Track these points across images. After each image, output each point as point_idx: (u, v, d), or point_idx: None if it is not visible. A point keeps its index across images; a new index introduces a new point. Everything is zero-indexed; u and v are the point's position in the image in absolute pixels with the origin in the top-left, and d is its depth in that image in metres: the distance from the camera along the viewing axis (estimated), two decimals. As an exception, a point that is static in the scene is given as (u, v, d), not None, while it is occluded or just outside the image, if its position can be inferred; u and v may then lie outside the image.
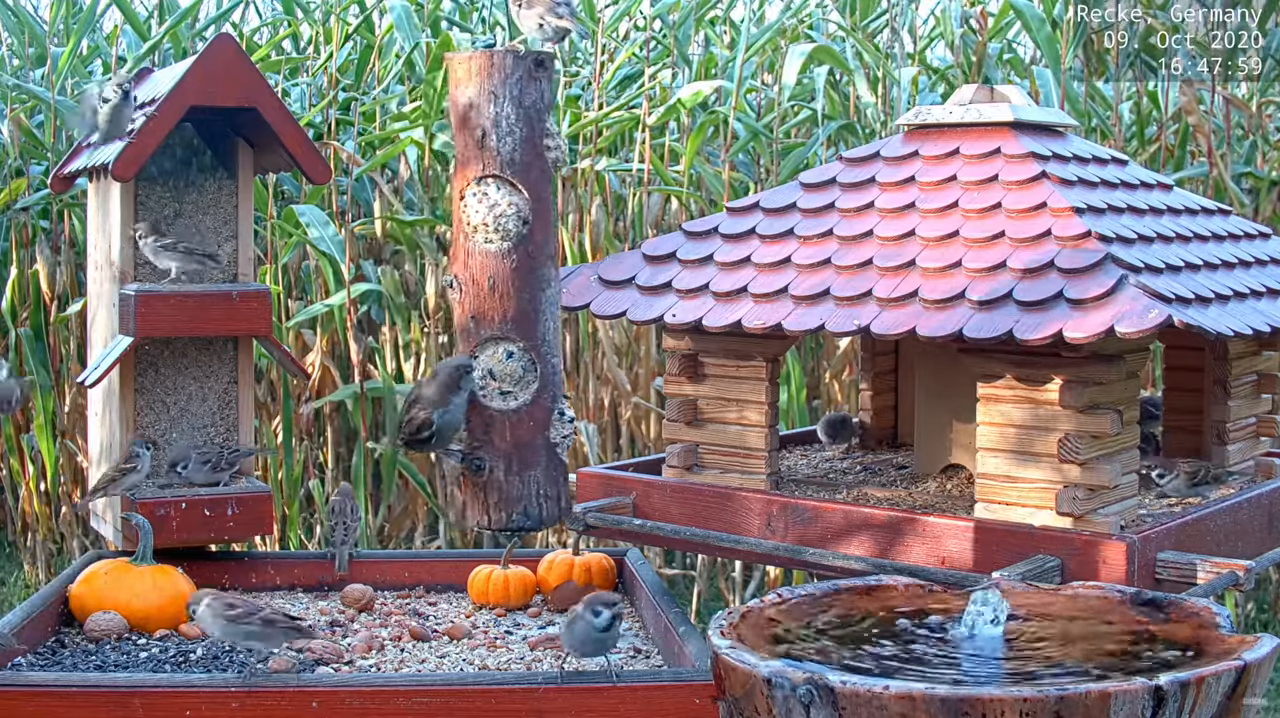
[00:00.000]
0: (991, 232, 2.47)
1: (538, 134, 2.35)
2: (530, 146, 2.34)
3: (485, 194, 2.35)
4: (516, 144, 2.34)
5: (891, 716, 1.50)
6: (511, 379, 2.40)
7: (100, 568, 2.79)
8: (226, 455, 3.05)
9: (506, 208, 2.35)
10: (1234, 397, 2.82)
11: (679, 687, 2.23)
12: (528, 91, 2.35)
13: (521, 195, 2.34)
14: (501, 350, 2.39)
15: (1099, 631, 1.83)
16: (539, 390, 2.37)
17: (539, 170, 2.35)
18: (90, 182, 3.30)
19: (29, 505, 5.64)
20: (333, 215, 5.24)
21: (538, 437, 2.39)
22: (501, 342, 2.37)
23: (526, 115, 2.34)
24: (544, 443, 2.39)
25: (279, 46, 6.14)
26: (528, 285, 2.37)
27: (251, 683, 2.23)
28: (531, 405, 2.37)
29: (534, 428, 2.38)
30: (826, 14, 6.19)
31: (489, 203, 2.35)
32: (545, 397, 2.38)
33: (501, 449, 2.38)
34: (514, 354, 2.39)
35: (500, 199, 2.35)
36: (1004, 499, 2.42)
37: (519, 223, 2.35)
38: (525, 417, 2.38)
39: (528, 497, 2.40)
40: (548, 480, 2.41)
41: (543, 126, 2.36)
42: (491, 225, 2.35)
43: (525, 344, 2.37)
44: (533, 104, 2.35)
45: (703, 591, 5.18)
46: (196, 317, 3.02)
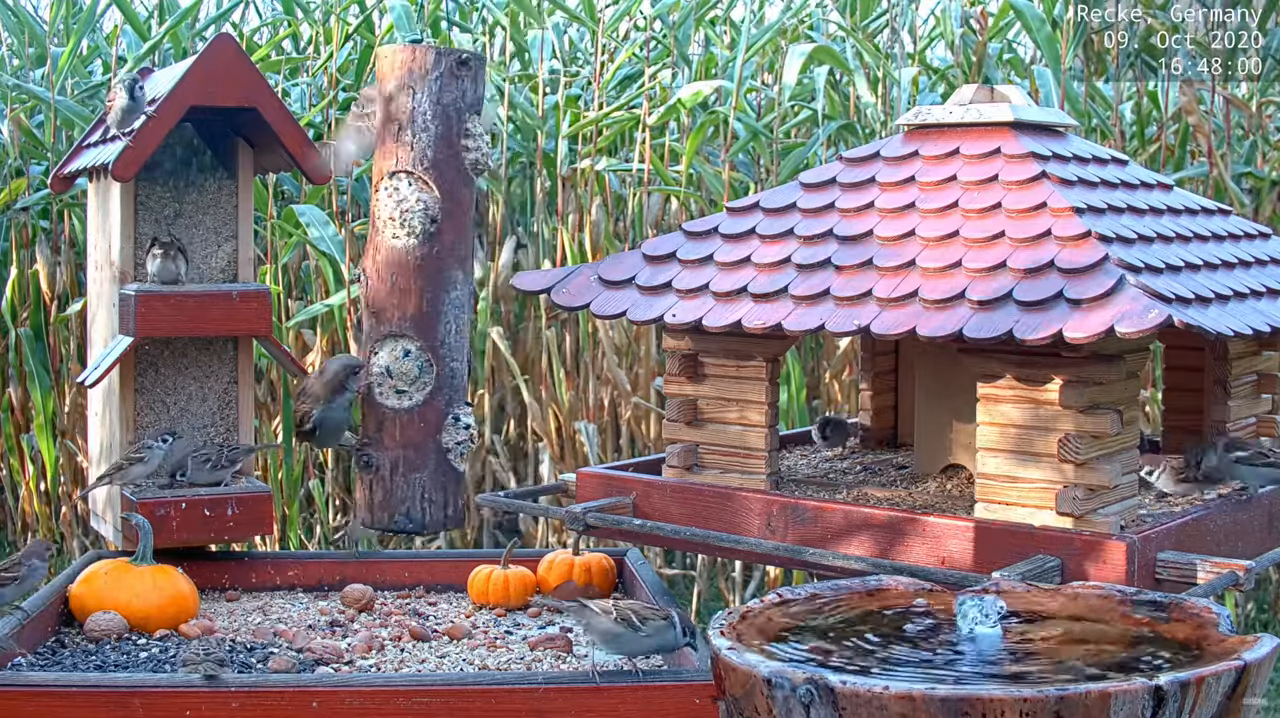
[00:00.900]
0: (991, 232, 2.47)
1: (455, 133, 2.33)
2: (446, 145, 2.33)
3: (396, 188, 2.34)
4: (431, 141, 2.32)
5: (891, 716, 1.50)
6: (407, 378, 2.39)
7: (100, 568, 2.79)
8: (227, 453, 3.05)
9: (415, 204, 2.34)
10: (1234, 397, 2.81)
11: (679, 687, 2.23)
12: (448, 89, 2.33)
13: (431, 193, 2.33)
14: (399, 348, 2.38)
15: (1099, 631, 1.83)
16: (434, 392, 2.36)
17: (454, 170, 2.34)
18: (90, 181, 3.30)
19: (29, 505, 5.64)
20: (333, 215, 5.24)
21: (429, 439, 2.38)
22: (400, 339, 2.37)
23: (444, 113, 2.32)
24: (435, 447, 2.39)
25: (279, 46, 6.14)
26: (430, 285, 2.35)
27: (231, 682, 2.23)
28: (424, 407, 2.36)
29: (425, 430, 2.38)
30: (827, 14, 6.19)
31: (398, 198, 2.34)
32: (440, 399, 2.37)
33: (390, 448, 2.37)
34: (411, 353, 2.38)
35: (409, 195, 2.34)
36: (1004, 499, 2.42)
37: (426, 220, 2.34)
38: (417, 418, 2.36)
39: (411, 499, 2.40)
40: (434, 485, 2.40)
41: (462, 126, 2.35)
42: (398, 220, 2.34)
43: (423, 344, 2.37)
44: (452, 102, 2.33)
45: (703, 591, 5.18)
46: (196, 317, 3.02)
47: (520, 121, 5.65)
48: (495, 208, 5.49)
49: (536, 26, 5.71)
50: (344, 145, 2.98)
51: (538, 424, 5.28)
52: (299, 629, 2.77)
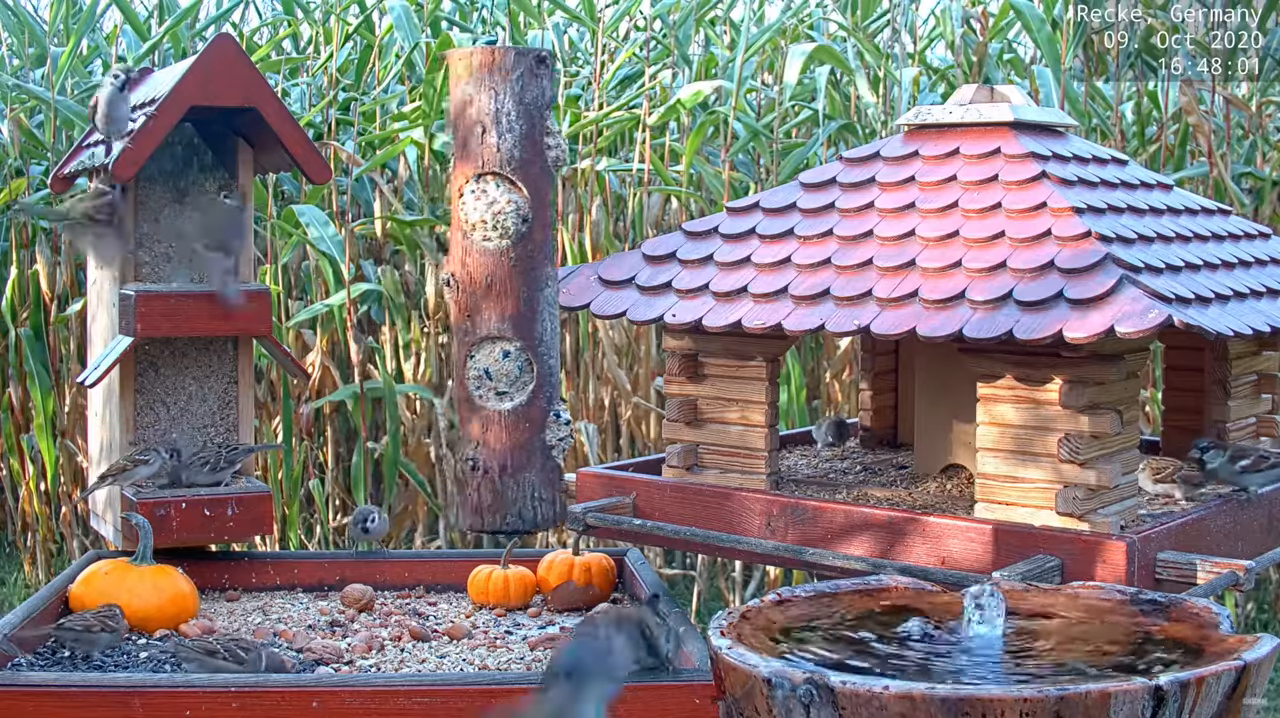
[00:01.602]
0: (991, 232, 2.47)
1: (538, 131, 2.34)
2: (530, 144, 2.33)
3: (484, 191, 2.34)
4: (517, 141, 2.33)
5: (891, 716, 1.50)
6: (508, 379, 2.38)
7: (100, 568, 2.78)
8: (225, 454, 3.05)
9: (506, 205, 2.34)
10: (1234, 397, 2.81)
11: (679, 687, 2.23)
12: (529, 88, 2.34)
13: (521, 193, 2.33)
14: (498, 350, 2.37)
15: (1099, 631, 1.83)
16: (535, 391, 2.36)
17: (539, 168, 2.34)
18: (90, 182, 3.30)
19: (29, 505, 5.64)
20: (333, 215, 5.24)
21: (533, 438, 2.37)
22: (499, 341, 2.36)
23: (527, 112, 2.33)
24: (540, 445, 2.38)
25: (279, 46, 6.14)
26: (526, 284, 2.35)
27: (246, 683, 2.23)
28: (527, 406, 2.36)
29: (530, 429, 2.37)
30: (827, 14, 6.19)
31: (488, 200, 2.34)
32: (541, 398, 2.37)
33: (496, 450, 2.36)
34: (511, 354, 2.38)
35: (499, 197, 2.33)
36: (1004, 499, 2.42)
37: (518, 221, 2.34)
38: (521, 417, 2.36)
39: (522, 499, 2.39)
40: (542, 483, 2.40)
41: (543, 124, 2.35)
42: (490, 223, 2.34)
43: (522, 344, 2.36)
44: (533, 101, 2.33)
45: (703, 591, 5.18)
46: (196, 317, 3.02)
47: (520, 121, 5.64)
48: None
49: (536, 26, 5.71)
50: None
51: (538, 424, 5.27)
52: (299, 629, 2.77)
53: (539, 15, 5.60)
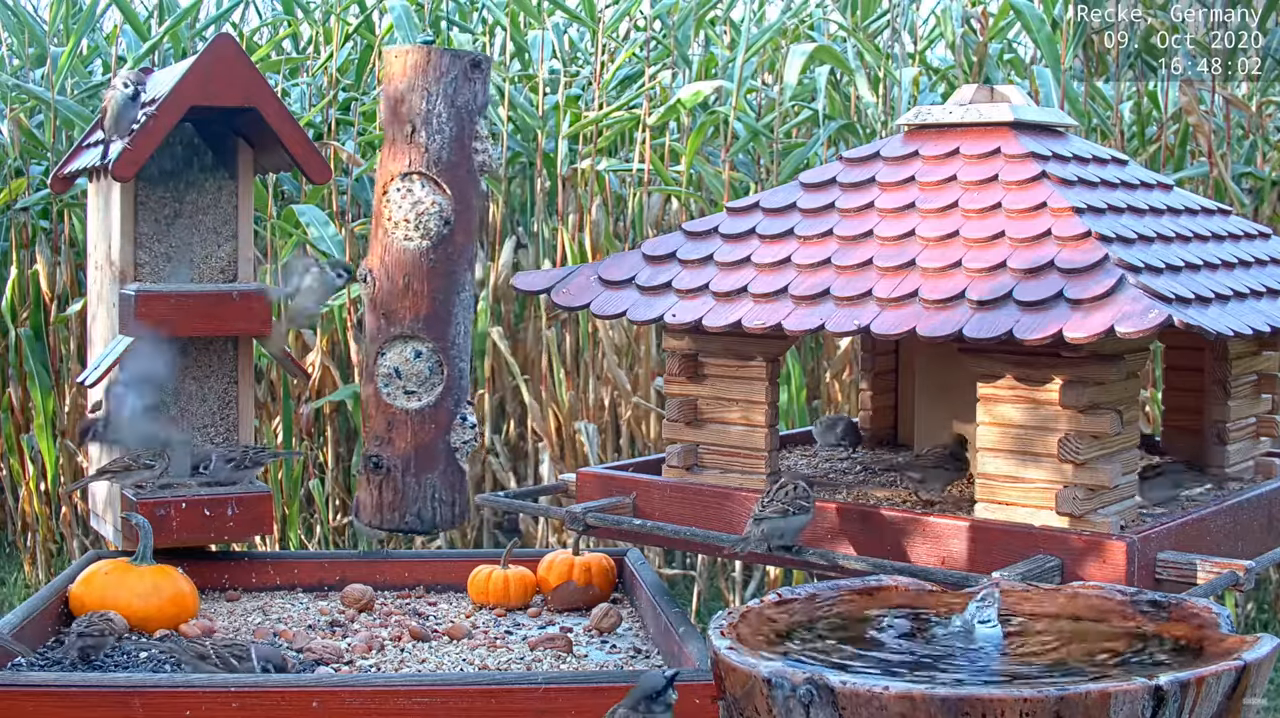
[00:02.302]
0: (991, 232, 2.47)
1: (467, 135, 2.34)
2: (459, 147, 2.33)
3: (410, 190, 2.34)
4: (445, 143, 2.33)
5: (891, 716, 1.50)
6: (417, 379, 2.38)
7: (100, 568, 2.78)
8: (252, 454, 3.06)
9: (430, 206, 2.34)
10: (1234, 397, 2.81)
11: (679, 687, 2.23)
12: (461, 91, 2.33)
13: (445, 195, 2.33)
14: (410, 349, 2.37)
15: (1099, 630, 1.83)
16: (444, 393, 2.36)
17: (465, 172, 2.34)
18: (90, 181, 3.30)
19: (29, 505, 5.64)
20: (333, 215, 5.24)
21: (439, 440, 2.38)
22: (410, 340, 2.36)
23: (458, 115, 2.33)
24: (444, 447, 2.38)
25: (279, 46, 6.14)
26: (443, 287, 2.35)
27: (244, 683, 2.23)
28: (435, 408, 2.36)
29: (436, 430, 2.38)
30: (827, 14, 6.19)
31: (412, 199, 2.34)
32: (449, 400, 2.37)
33: (401, 450, 2.36)
34: (422, 354, 2.38)
35: (424, 197, 2.33)
36: (1004, 499, 2.42)
37: (440, 223, 2.34)
38: (428, 418, 2.36)
39: (422, 499, 2.40)
40: (444, 485, 2.40)
41: (473, 128, 2.35)
42: (413, 222, 2.34)
43: (435, 345, 2.36)
44: (465, 104, 2.33)
45: (703, 591, 5.18)
46: (196, 317, 3.02)
47: (520, 121, 5.66)
48: (495, 208, 5.49)
49: (536, 26, 5.71)
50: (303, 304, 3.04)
51: (538, 424, 5.28)
52: (299, 629, 2.77)
53: (539, 15, 5.60)
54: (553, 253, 5.44)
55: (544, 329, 5.36)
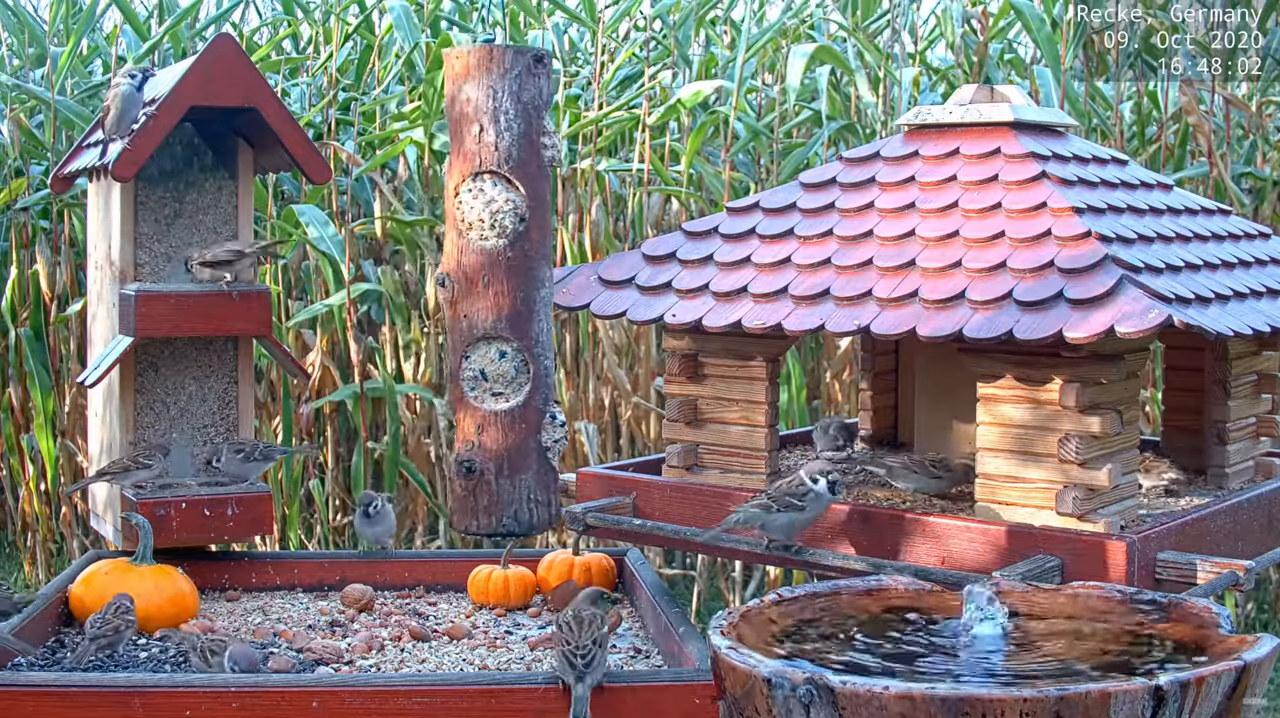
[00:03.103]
0: (991, 231, 2.47)
1: (535, 131, 2.33)
2: (528, 143, 2.32)
3: (482, 190, 2.33)
4: (514, 140, 2.32)
5: (891, 716, 1.50)
6: (504, 380, 2.37)
7: (100, 568, 2.79)
8: (262, 448, 3.06)
9: (503, 204, 2.33)
10: (1234, 397, 2.81)
11: (679, 687, 2.23)
12: (526, 87, 2.33)
13: (518, 192, 2.32)
14: (494, 350, 2.36)
15: (1099, 630, 1.83)
16: (531, 392, 2.35)
17: (536, 167, 2.33)
18: (90, 181, 3.30)
19: (29, 505, 5.64)
20: (333, 215, 5.24)
21: (529, 440, 2.37)
22: (494, 341, 2.35)
23: (525, 111, 2.32)
24: (535, 446, 2.37)
25: (279, 46, 6.14)
26: (523, 284, 2.34)
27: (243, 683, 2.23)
28: (524, 407, 2.35)
29: (526, 431, 2.36)
30: (828, 14, 6.19)
31: (485, 199, 2.33)
32: (537, 399, 2.36)
33: (493, 452, 2.35)
34: (507, 354, 2.37)
35: (497, 195, 2.33)
36: (1004, 499, 2.42)
37: (516, 220, 2.34)
38: (517, 419, 2.35)
39: (518, 501, 2.38)
40: (538, 485, 2.39)
41: (540, 124, 2.34)
42: (488, 222, 2.33)
43: (519, 344, 2.35)
44: (531, 100, 2.33)
45: (703, 591, 5.18)
46: (196, 317, 3.02)
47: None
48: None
49: (536, 26, 5.71)
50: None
51: (538, 424, 5.27)
52: (299, 629, 2.77)
53: (539, 15, 5.60)
54: (553, 253, 5.44)
55: (544, 329, 5.35)
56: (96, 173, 3.18)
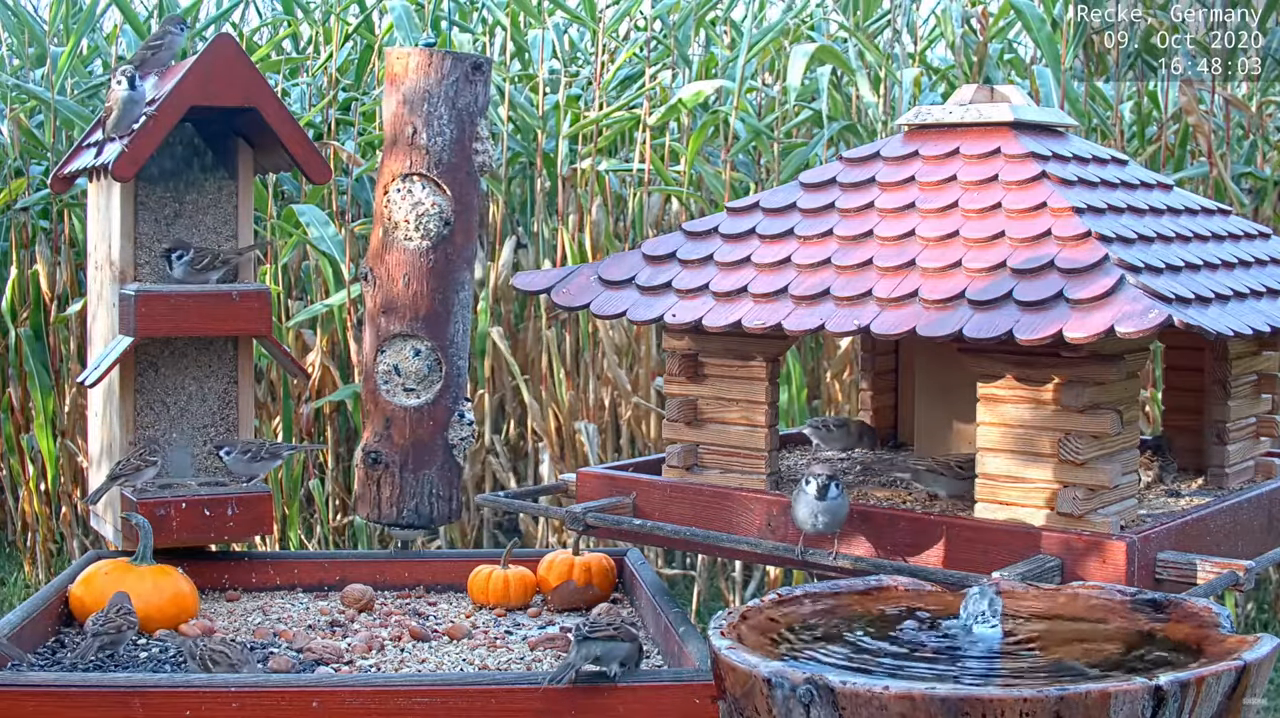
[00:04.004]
0: (991, 232, 2.47)
1: (468, 137, 2.35)
2: (459, 149, 2.34)
3: (410, 191, 2.35)
4: (446, 145, 2.34)
5: (891, 716, 1.50)
6: (416, 377, 2.39)
7: (100, 568, 2.79)
8: (268, 448, 3.07)
9: (430, 207, 2.35)
10: (1234, 397, 2.81)
11: (679, 687, 2.23)
12: (463, 93, 2.35)
13: (445, 196, 2.34)
14: (409, 348, 2.38)
15: (1099, 631, 1.83)
16: (442, 390, 2.37)
17: (465, 173, 2.35)
18: (90, 182, 3.30)
19: (29, 505, 5.64)
20: (333, 215, 5.24)
21: (437, 436, 2.39)
22: (410, 339, 2.37)
23: (459, 117, 2.34)
24: (442, 443, 2.39)
25: (279, 46, 6.14)
26: (442, 286, 2.36)
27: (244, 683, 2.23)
28: (433, 405, 2.37)
29: (434, 427, 2.38)
30: (828, 14, 6.19)
31: (412, 200, 2.35)
32: (448, 397, 2.38)
33: (399, 446, 2.37)
34: (421, 353, 2.38)
35: (424, 198, 2.34)
36: (1004, 499, 2.42)
37: (440, 223, 2.35)
38: (426, 415, 2.37)
39: (420, 495, 2.40)
40: (442, 481, 2.41)
41: (474, 130, 2.36)
42: (413, 223, 2.35)
43: (434, 344, 2.37)
44: (466, 106, 2.35)
45: (703, 590, 5.18)
46: (196, 317, 3.02)
47: (520, 121, 5.66)
48: (495, 208, 5.49)
49: (537, 26, 5.71)
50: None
51: (538, 424, 5.28)
52: (299, 629, 2.77)
53: (539, 15, 5.60)
54: (553, 253, 5.44)
55: (544, 329, 5.36)
56: (96, 173, 3.18)
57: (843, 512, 2.44)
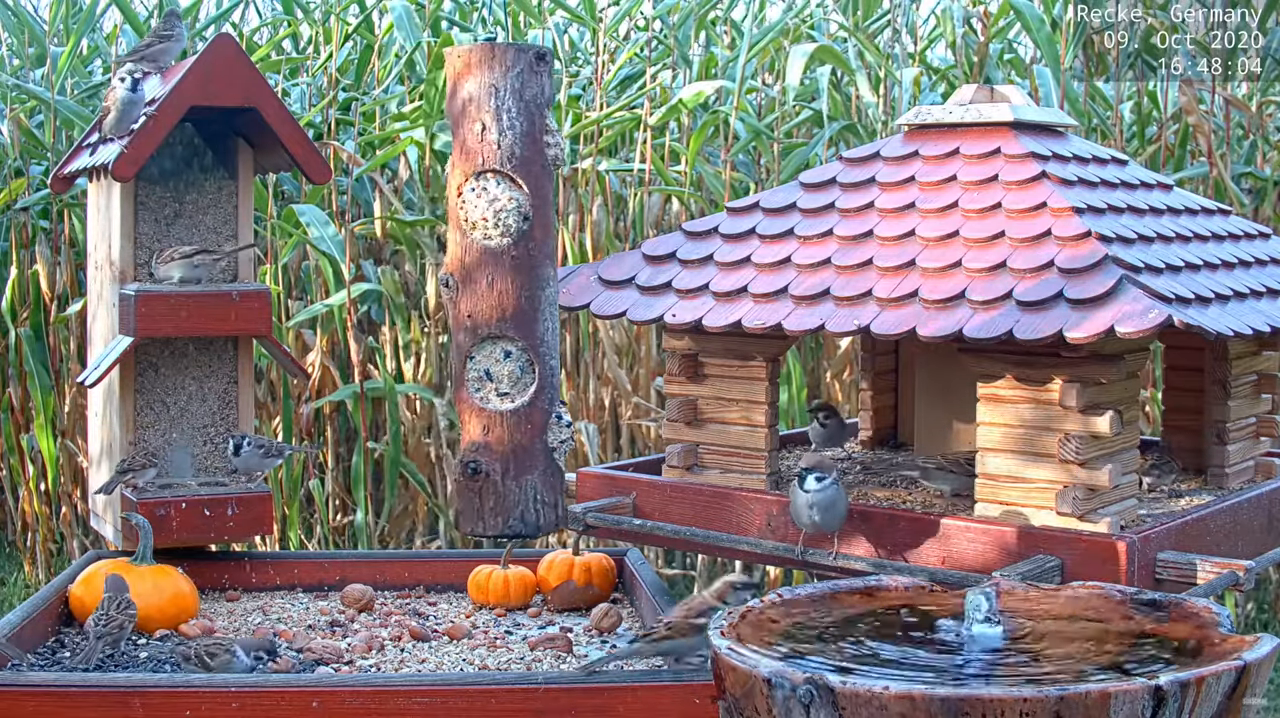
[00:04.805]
0: (991, 232, 2.46)
1: (538, 129, 2.32)
2: (531, 141, 2.31)
3: (485, 189, 2.31)
4: (517, 138, 2.30)
5: (891, 716, 1.50)
6: (509, 380, 2.36)
7: (100, 568, 2.78)
8: (276, 445, 3.10)
9: (507, 203, 2.32)
10: (1234, 397, 2.81)
11: (679, 687, 2.23)
12: (529, 85, 2.32)
13: (522, 191, 2.31)
14: (499, 350, 2.35)
15: (1099, 631, 1.83)
16: (537, 392, 2.33)
17: (539, 166, 2.32)
18: (90, 182, 3.30)
19: (29, 505, 5.64)
20: (333, 215, 5.24)
21: (535, 440, 2.35)
22: (499, 341, 2.34)
23: (527, 109, 2.31)
24: (541, 447, 2.36)
25: (279, 46, 6.14)
26: (528, 283, 2.33)
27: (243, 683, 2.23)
28: (529, 408, 2.33)
29: (532, 431, 2.34)
30: (828, 14, 6.19)
31: (489, 198, 2.32)
32: (543, 399, 2.34)
33: (498, 453, 2.34)
34: (512, 354, 2.35)
35: (500, 194, 2.31)
36: (1004, 499, 2.42)
37: (519, 219, 2.32)
38: (523, 419, 2.34)
39: (525, 502, 2.37)
40: (545, 486, 2.37)
41: (543, 122, 2.33)
42: (491, 221, 2.32)
43: (524, 344, 2.34)
44: (533, 98, 2.31)
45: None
46: (196, 317, 3.02)
47: (520, 121, 5.64)
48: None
49: (537, 26, 5.71)
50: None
51: (538, 424, 5.27)
52: (299, 629, 2.77)
53: (539, 15, 5.60)
54: (553, 252, 5.44)
55: (544, 329, 5.35)
56: (96, 173, 3.18)
57: (839, 506, 2.43)
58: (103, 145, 3.11)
